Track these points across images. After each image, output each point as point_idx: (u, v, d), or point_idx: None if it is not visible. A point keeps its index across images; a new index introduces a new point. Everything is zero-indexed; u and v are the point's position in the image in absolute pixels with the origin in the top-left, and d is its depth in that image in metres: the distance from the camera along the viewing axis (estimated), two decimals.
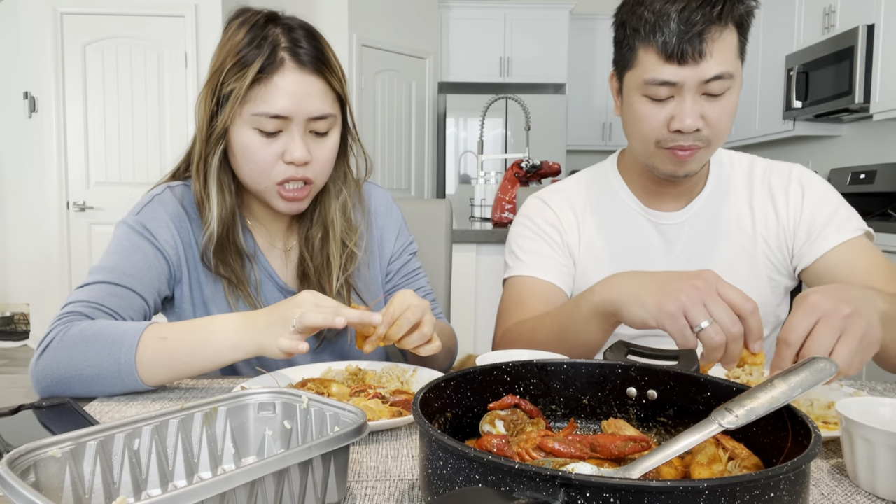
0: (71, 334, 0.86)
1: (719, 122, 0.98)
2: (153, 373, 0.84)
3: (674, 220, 1.13)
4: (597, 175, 1.22)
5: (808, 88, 3.93)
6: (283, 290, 1.09)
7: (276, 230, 1.11)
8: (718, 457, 0.53)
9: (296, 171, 0.98)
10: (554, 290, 1.13)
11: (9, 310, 4.89)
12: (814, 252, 1.08)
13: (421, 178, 5.50)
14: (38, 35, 4.03)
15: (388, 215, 1.20)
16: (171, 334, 0.85)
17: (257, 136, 0.96)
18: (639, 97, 1.00)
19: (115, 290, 0.94)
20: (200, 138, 1.00)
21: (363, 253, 1.14)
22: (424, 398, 0.55)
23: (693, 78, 0.95)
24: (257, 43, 0.95)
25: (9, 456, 0.46)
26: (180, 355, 0.84)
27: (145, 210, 1.03)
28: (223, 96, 0.96)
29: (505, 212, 2.79)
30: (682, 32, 0.93)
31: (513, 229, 1.23)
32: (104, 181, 4.16)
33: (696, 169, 1.04)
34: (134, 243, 0.99)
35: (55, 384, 0.85)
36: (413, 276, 1.21)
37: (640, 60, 0.98)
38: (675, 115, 0.97)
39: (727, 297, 0.73)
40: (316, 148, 0.99)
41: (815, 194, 1.10)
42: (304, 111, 0.95)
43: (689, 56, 0.93)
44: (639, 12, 0.97)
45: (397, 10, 5.11)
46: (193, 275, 1.04)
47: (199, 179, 1.01)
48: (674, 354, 0.69)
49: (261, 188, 1.00)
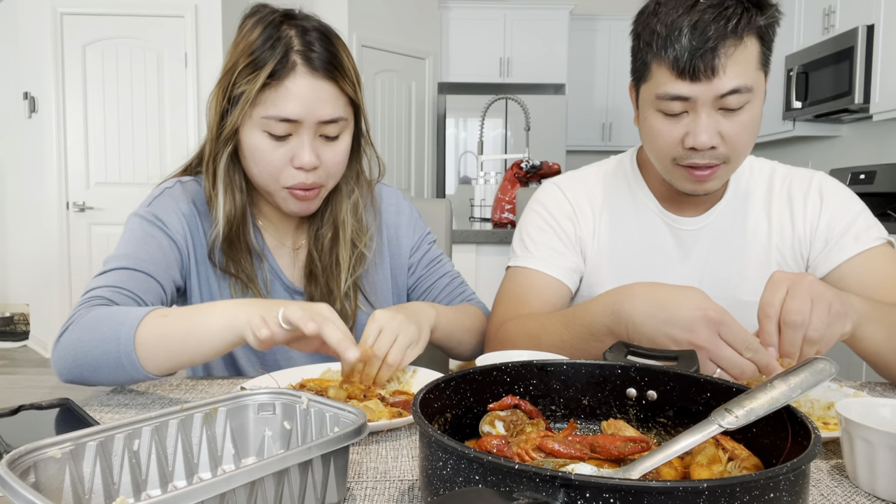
0: (88, 317, 0.85)
1: (737, 138, 0.94)
2: (150, 354, 0.82)
3: (692, 227, 1.10)
4: (617, 170, 1.18)
5: (808, 89, 3.93)
6: (289, 289, 1.09)
7: (285, 229, 1.11)
8: (718, 457, 0.53)
9: (305, 177, 0.97)
10: (558, 288, 1.11)
11: (8, 310, 4.89)
12: (830, 262, 1.05)
13: (421, 179, 5.50)
14: (37, 35, 4.03)
15: (398, 212, 1.19)
16: (171, 313, 0.85)
17: (266, 138, 0.95)
18: (653, 112, 0.97)
19: (135, 275, 0.94)
20: (210, 137, 1.00)
21: (372, 254, 1.13)
22: (424, 399, 0.55)
23: (707, 94, 0.91)
24: (271, 44, 0.93)
25: (9, 456, 0.46)
26: (177, 334, 0.83)
27: (156, 202, 1.03)
28: (234, 97, 0.95)
29: (505, 212, 2.79)
30: (695, 48, 0.89)
31: (526, 215, 1.19)
32: (104, 181, 4.16)
33: (717, 187, 1.01)
34: (147, 232, 0.99)
35: (69, 368, 0.85)
36: (436, 264, 1.20)
37: (653, 74, 0.94)
38: (690, 132, 0.94)
39: (731, 341, 0.74)
40: (325, 152, 0.98)
41: (833, 203, 1.07)
42: (313, 116, 0.94)
43: (702, 72, 0.89)
44: (651, 25, 0.93)
45: (397, 10, 5.11)
46: (202, 269, 1.04)
47: (209, 177, 1.01)
48: (674, 355, 0.69)
49: (270, 189, 1.00)
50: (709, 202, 1.10)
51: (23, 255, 4.57)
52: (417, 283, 1.19)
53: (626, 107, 5.78)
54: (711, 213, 1.10)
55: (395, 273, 1.18)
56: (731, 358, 0.73)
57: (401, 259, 1.18)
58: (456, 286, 1.20)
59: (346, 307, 1.08)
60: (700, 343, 0.74)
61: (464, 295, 1.20)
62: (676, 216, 1.11)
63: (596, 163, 1.23)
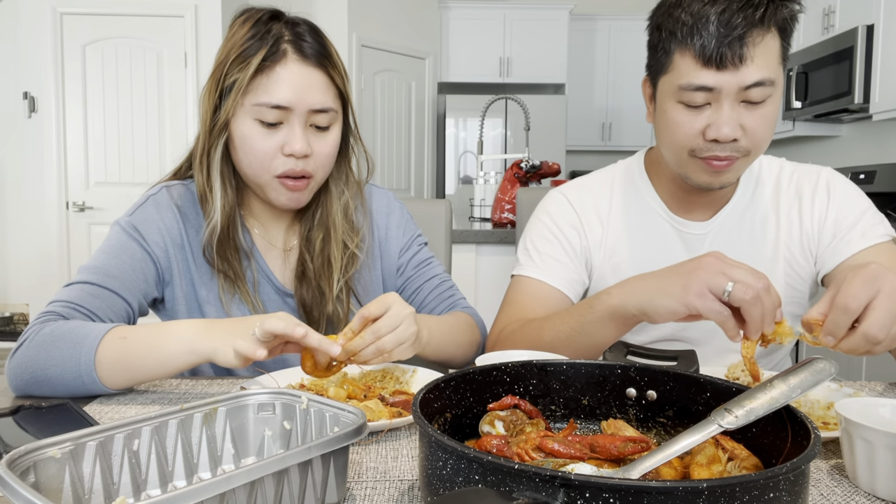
0: (42, 334, 0.86)
1: (759, 131, 0.94)
2: (111, 373, 0.83)
3: (699, 230, 1.10)
4: (625, 175, 1.17)
5: (808, 89, 3.93)
6: (279, 291, 1.09)
7: (275, 230, 1.11)
8: (718, 457, 0.53)
9: (295, 164, 0.98)
10: (560, 298, 1.11)
11: (8, 310, 4.89)
12: (836, 257, 1.05)
13: (420, 179, 5.50)
14: (37, 35, 4.03)
15: (388, 213, 1.18)
16: (131, 335, 0.85)
17: (258, 126, 0.96)
18: (673, 104, 0.96)
19: (96, 291, 0.94)
20: (204, 131, 1.01)
21: (364, 255, 1.13)
22: (424, 399, 0.55)
23: (732, 84, 0.90)
24: (260, 36, 0.96)
25: (9, 456, 0.46)
26: (137, 357, 0.83)
27: (139, 211, 1.03)
28: (226, 88, 0.97)
29: (504, 212, 2.79)
30: (722, 35, 0.88)
31: (531, 223, 1.19)
32: (104, 181, 4.16)
33: (733, 180, 1.01)
34: (122, 244, 1.00)
35: (25, 383, 0.85)
36: (425, 266, 1.19)
37: (676, 65, 0.94)
38: (712, 124, 0.93)
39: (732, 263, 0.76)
40: (316, 142, 0.99)
41: (841, 198, 1.07)
42: (305, 103, 0.96)
43: (729, 60, 0.89)
44: (675, 14, 0.93)
45: (397, 10, 5.10)
46: (186, 277, 1.04)
47: (203, 172, 1.01)
48: (673, 355, 0.69)
49: (261, 181, 1.00)
50: (717, 205, 1.10)
51: (23, 255, 4.56)
52: (406, 285, 1.18)
53: (625, 106, 5.78)
54: (720, 216, 1.10)
55: (386, 275, 1.18)
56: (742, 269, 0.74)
57: (391, 260, 1.18)
58: (445, 290, 1.18)
59: (339, 309, 1.08)
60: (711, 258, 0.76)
61: (453, 300, 1.18)
62: (685, 220, 1.10)
63: (604, 168, 1.22)
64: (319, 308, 1.07)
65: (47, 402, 0.75)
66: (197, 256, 1.04)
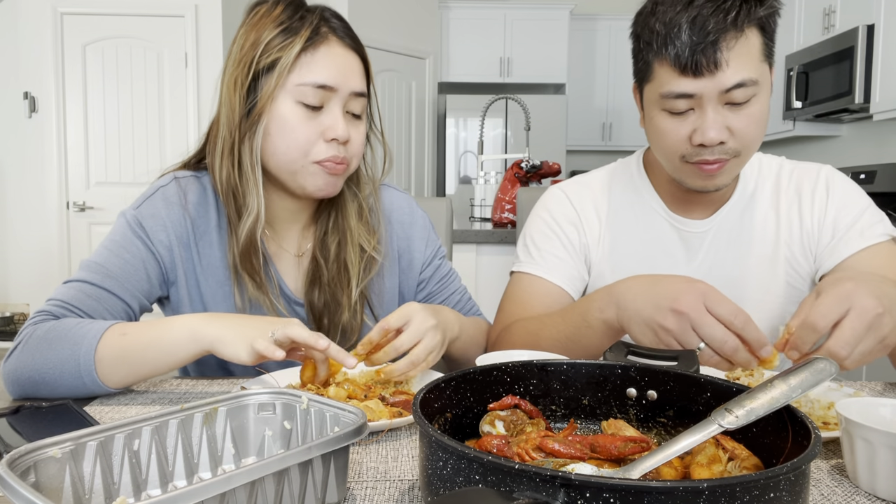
0: (36, 336, 0.85)
1: (746, 131, 0.94)
2: (112, 371, 0.82)
3: (698, 229, 1.09)
4: (623, 173, 1.17)
5: (808, 88, 3.93)
6: (289, 299, 1.05)
7: (288, 234, 1.07)
8: (718, 457, 0.53)
9: (338, 150, 0.96)
10: (560, 294, 1.11)
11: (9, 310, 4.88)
12: (835, 256, 1.04)
13: (421, 179, 5.50)
14: (38, 35, 4.03)
15: (412, 223, 1.14)
16: (131, 330, 0.84)
17: (300, 109, 0.93)
18: (658, 111, 0.96)
19: (93, 291, 0.92)
20: (230, 124, 0.95)
21: (382, 258, 1.09)
22: (424, 398, 0.55)
23: (711, 89, 0.90)
24: (300, 15, 0.95)
25: (9, 456, 0.46)
26: (137, 350, 0.82)
27: (146, 204, 1.00)
28: (263, 68, 0.93)
29: (505, 212, 2.79)
30: (696, 43, 0.88)
31: (531, 220, 1.19)
32: (104, 181, 4.16)
33: (727, 181, 1.01)
34: (127, 240, 0.97)
35: (22, 387, 0.84)
36: (448, 280, 1.17)
37: (656, 73, 0.94)
38: (697, 129, 0.93)
39: (717, 313, 0.74)
40: (351, 129, 0.98)
41: (840, 196, 1.07)
42: (347, 85, 0.95)
43: (704, 67, 0.89)
44: (650, 24, 0.93)
45: (397, 10, 5.10)
46: (190, 275, 1.01)
47: (233, 167, 0.96)
48: (674, 355, 0.69)
49: (296, 167, 0.95)
50: (716, 203, 1.10)
51: (23, 255, 4.56)
52: (427, 300, 1.15)
53: (626, 106, 5.78)
54: (719, 215, 1.09)
55: (404, 287, 1.15)
56: (713, 327, 0.73)
57: (411, 273, 1.14)
58: (465, 302, 1.18)
59: (353, 320, 1.04)
60: (682, 308, 0.74)
61: (472, 311, 1.18)
62: (683, 218, 1.10)
63: (603, 167, 1.22)
64: (331, 316, 1.04)
65: (47, 402, 0.75)
66: (203, 256, 1.01)
